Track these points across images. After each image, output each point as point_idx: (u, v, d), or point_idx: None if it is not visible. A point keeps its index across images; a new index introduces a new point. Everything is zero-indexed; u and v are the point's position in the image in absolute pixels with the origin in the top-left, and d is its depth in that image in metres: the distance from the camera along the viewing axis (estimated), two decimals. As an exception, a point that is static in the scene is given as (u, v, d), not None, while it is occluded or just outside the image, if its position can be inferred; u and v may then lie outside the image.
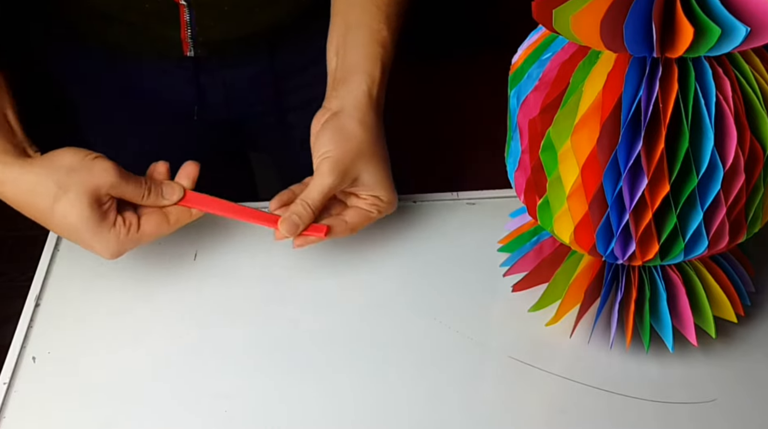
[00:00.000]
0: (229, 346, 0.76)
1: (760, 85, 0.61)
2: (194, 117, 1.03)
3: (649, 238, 0.64)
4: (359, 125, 0.79)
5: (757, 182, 0.63)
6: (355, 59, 0.82)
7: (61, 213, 0.72)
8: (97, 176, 0.73)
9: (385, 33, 0.83)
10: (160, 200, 0.76)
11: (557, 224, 0.67)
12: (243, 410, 0.71)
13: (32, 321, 0.78)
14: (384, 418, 0.70)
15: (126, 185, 0.74)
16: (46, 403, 0.72)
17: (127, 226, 0.75)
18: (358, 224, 0.80)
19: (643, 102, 0.59)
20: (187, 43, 0.94)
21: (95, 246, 0.74)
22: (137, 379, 0.73)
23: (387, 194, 0.80)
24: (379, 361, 0.74)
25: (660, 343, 0.71)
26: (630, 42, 0.57)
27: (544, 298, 0.74)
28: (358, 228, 0.80)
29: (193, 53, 0.95)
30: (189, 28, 0.92)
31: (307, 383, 0.72)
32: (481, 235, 0.83)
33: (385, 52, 0.83)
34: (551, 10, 0.57)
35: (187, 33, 0.93)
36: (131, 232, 0.75)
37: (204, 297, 0.80)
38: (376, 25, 0.83)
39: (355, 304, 0.79)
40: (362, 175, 0.78)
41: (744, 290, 0.73)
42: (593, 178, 0.62)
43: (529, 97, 0.65)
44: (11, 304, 0.90)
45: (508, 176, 0.72)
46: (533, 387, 0.72)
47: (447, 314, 0.77)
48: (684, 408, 0.70)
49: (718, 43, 0.57)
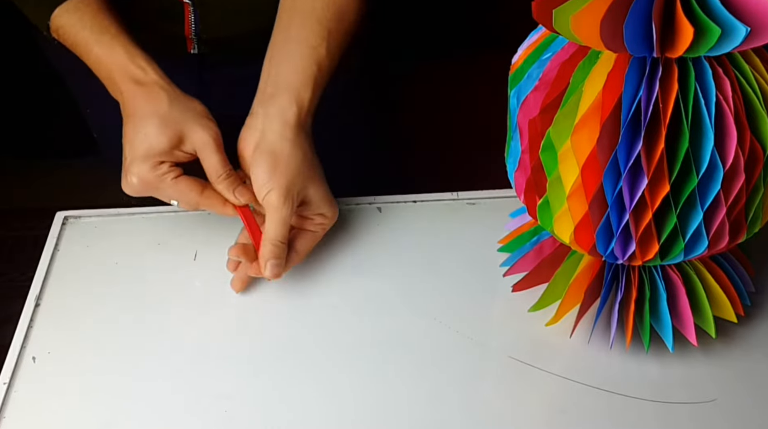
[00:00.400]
0: (229, 345, 0.76)
1: (760, 85, 0.61)
2: None
3: (649, 238, 0.64)
4: (293, 147, 0.78)
5: (757, 182, 0.63)
6: (288, 77, 0.81)
7: (148, 126, 0.76)
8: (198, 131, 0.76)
9: (323, 51, 0.83)
10: (228, 192, 0.78)
11: (557, 224, 0.67)
12: (243, 410, 0.71)
13: (32, 321, 0.78)
14: (384, 418, 0.70)
15: (212, 155, 0.76)
16: (46, 403, 0.72)
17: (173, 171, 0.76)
18: (308, 249, 0.81)
19: (643, 102, 0.59)
20: (191, 40, 0.94)
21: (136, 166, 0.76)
22: (137, 379, 0.73)
23: (330, 209, 0.81)
24: (379, 361, 0.74)
25: (660, 343, 0.71)
26: (630, 42, 0.57)
27: (544, 298, 0.74)
28: (308, 252, 0.81)
29: (197, 50, 0.95)
30: (193, 25, 0.92)
31: (307, 383, 0.72)
32: (481, 235, 0.83)
33: (319, 70, 0.82)
34: (551, 10, 0.57)
35: (191, 30, 0.93)
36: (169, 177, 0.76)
37: (204, 297, 0.80)
38: (315, 41, 0.83)
39: (355, 304, 0.79)
40: (308, 194, 0.79)
41: (744, 290, 0.73)
42: (593, 178, 0.62)
43: (529, 97, 0.65)
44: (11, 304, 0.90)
45: (508, 176, 0.72)
46: (533, 387, 0.72)
47: (447, 314, 0.77)
48: (684, 408, 0.70)
49: (718, 43, 0.57)
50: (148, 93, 0.78)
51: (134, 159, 0.76)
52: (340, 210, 0.85)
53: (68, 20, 0.82)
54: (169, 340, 0.76)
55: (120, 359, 0.75)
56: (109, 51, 0.81)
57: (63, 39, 0.84)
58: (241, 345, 0.76)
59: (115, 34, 0.81)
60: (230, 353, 0.75)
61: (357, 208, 0.88)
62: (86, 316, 0.78)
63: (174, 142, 0.76)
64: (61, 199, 0.93)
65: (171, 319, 0.77)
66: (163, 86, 0.79)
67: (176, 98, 0.79)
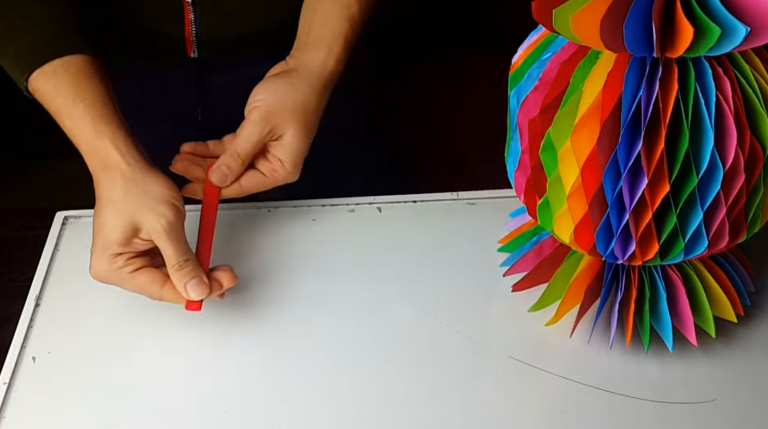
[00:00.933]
0: (229, 345, 0.76)
1: (760, 85, 0.61)
2: (198, 118, 1.03)
3: (649, 238, 0.64)
4: (304, 85, 0.81)
5: (757, 182, 0.63)
6: (321, 31, 0.85)
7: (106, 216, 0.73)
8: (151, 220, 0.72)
9: (355, 10, 0.86)
10: (180, 284, 0.72)
11: (557, 224, 0.67)
12: (243, 410, 0.71)
13: (32, 321, 0.78)
14: (384, 418, 0.70)
15: (165, 245, 0.73)
16: (46, 403, 0.72)
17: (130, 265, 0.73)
18: (252, 189, 0.81)
19: (643, 102, 0.59)
20: (191, 42, 0.94)
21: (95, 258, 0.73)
22: (137, 379, 0.73)
23: (291, 162, 0.80)
24: (379, 361, 0.74)
25: (660, 343, 0.71)
26: (630, 42, 0.57)
27: (544, 298, 0.74)
28: (248, 192, 0.81)
29: (197, 54, 0.95)
30: (193, 27, 0.92)
31: (306, 383, 0.72)
32: (481, 235, 0.83)
33: (351, 28, 0.85)
34: (551, 10, 0.57)
35: (191, 32, 0.93)
36: (126, 271, 0.73)
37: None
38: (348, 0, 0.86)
39: (355, 304, 0.79)
40: (286, 133, 0.79)
41: (744, 290, 0.73)
42: (593, 178, 0.62)
43: (529, 97, 0.65)
44: (11, 304, 0.90)
45: (508, 176, 0.72)
46: (533, 387, 0.72)
47: (447, 314, 0.77)
48: (684, 408, 0.70)
49: (718, 43, 0.57)
50: (109, 178, 0.75)
51: (93, 252, 0.74)
52: (340, 210, 0.85)
53: (44, 85, 0.79)
54: (169, 340, 0.76)
55: (120, 359, 0.75)
56: (79, 127, 0.77)
57: (41, 102, 0.81)
58: (241, 345, 0.76)
59: (89, 103, 0.78)
60: (230, 353, 0.75)
61: (357, 208, 0.88)
62: (86, 316, 0.78)
63: (128, 233, 0.72)
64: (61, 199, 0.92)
65: (171, 318, 0.77)
66: (122, 170, 0.75)
67: (134, 183, 0.74)
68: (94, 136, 0.77)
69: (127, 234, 0.72)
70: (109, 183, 0.75)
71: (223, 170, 0.78)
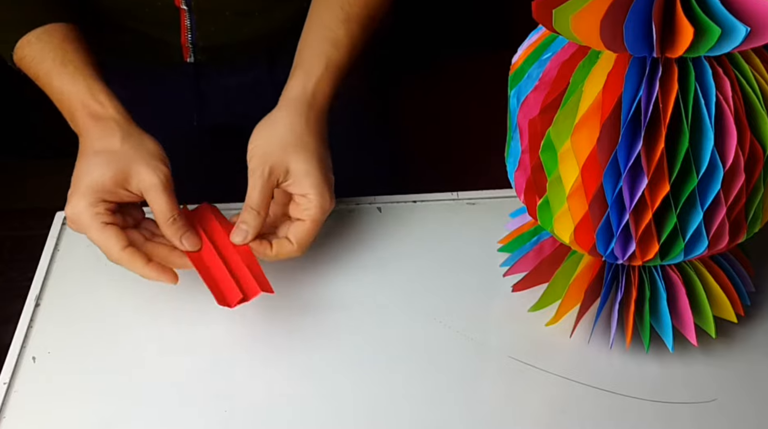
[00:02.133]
0: (230, 346, 0.76)
1: (760, 85, 0.61)
2: (194, 123, 1.03)
3: (649, 238, 0.64)
4: (288, 115, 0.79)
5: (757, 182, 0.63)
6: (300, 57, 0.83)
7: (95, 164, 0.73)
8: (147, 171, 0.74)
9: (341, 33, 0.83)
10: (176, 237, 0.75)
11: (557, 224, 0.67)
12: (243, 410, 0.71)
13: (32, 321, 0.78)
14: (384, 418, 0.70)
15: (159, 197, 0.73)
16: (46, 403, 0.72)
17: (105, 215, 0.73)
18: (302, 240, 0.76)
19: (643, 102, 0.59)
20: (188, 48, 0.94)
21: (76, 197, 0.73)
22: (137, 379, 0.73)
23: (315, 192, 0.76)
24: (379, 361, 0.74)
25: (660, 343, 0.71)
26: (630, 42, 0.57)
27: (544, 298, 0.74)
28: (304, 244, 0.77)
29: (193, 59, 0.95)
30: (189, 33, 0.92)
31: (307, 383, 0.72)
32: (481, 235, 0.83)
33: (336, 51, 0.82)
34: (551, 10, 0.57)
35: (187, 38, 0.93)
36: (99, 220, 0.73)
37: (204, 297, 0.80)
38: (334, 24, 0.84)
39: (355, 305, 0.79)
40: (289, 167, 0.77)
41: (744, 290, 0.73)
42: (593, 178, 0.62)
43: (529, 97, 0.65)
44: (11, 304, 0.90)
45: (508, 176, 0.72)
46: (533, 387, 0.72)
47: (447, 314, 0.77)
48: (684, 408, 0.70)
49: (718, 43, 0.57)
50: (103, 128, 0.76)
51: (75, 192, 0.73)
52: (340, 210, 0.85)
53: (30, 51, 0.80)
54: (169, 340, 0.76)
55: (120, 359, 0.75)
56: (70, 84, 0.78)
57: (26, 69, 0.82)
58: (242, 345, 0.76)
59: (79, 65, 0.79)
60: (230, 353, 0.75)
61: (357, 208, 0.88)
62: (86, 316, 0.78)
63: (119, 180, 0.73)
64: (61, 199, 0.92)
65: (171, 318, 0.77)
66: (119, 122, 0.77)
67: (130, 135, 0.76)
68: (86, 92, 0.78)
69: (118, 179, 0.73)
70: (103, 132, 0.76)
71: (241, 228, 0.76)
